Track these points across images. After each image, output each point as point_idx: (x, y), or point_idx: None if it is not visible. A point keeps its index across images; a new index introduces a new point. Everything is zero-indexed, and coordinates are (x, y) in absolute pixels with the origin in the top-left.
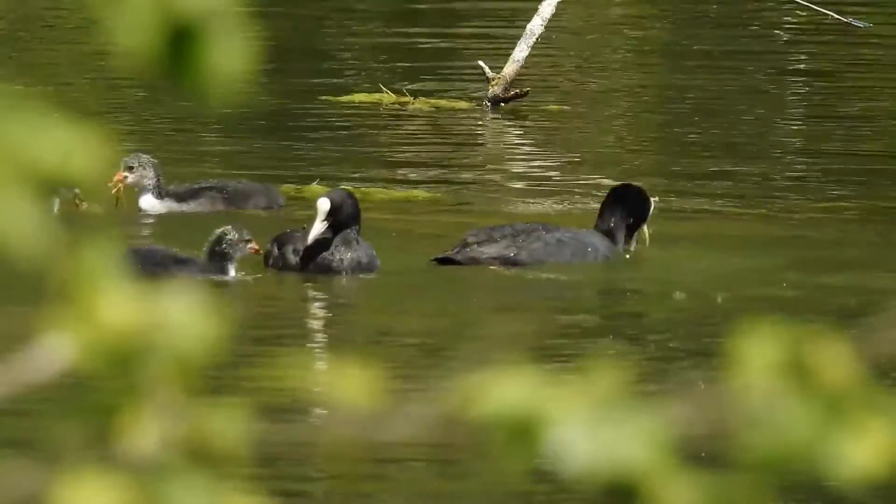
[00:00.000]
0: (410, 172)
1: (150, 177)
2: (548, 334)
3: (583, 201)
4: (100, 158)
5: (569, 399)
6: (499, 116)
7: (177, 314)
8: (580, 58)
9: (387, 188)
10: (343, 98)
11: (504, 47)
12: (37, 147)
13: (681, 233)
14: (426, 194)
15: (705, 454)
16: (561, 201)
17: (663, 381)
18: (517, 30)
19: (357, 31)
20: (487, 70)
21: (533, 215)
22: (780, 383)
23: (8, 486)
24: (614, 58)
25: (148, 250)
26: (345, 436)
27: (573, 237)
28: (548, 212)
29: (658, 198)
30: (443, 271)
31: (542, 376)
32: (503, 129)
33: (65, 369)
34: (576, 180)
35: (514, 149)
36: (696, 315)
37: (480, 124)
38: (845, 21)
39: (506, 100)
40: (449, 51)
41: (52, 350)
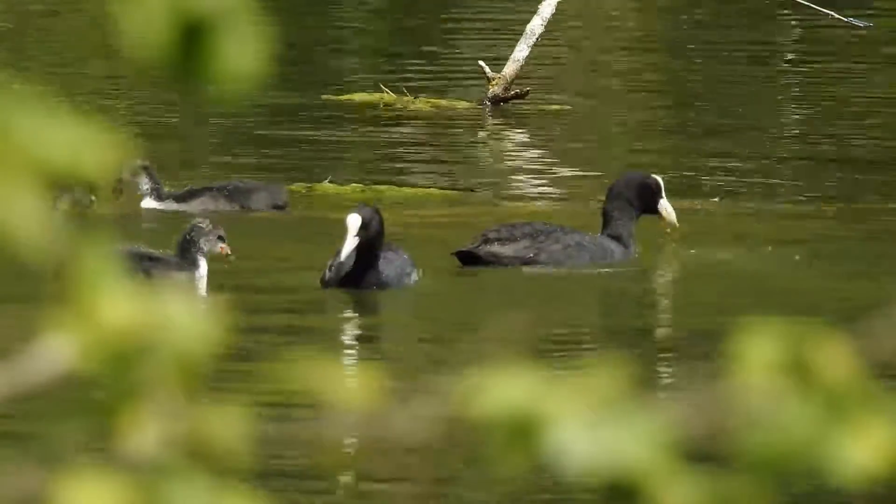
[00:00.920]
0: (411, 172)
1: (145, 181)
2: (550, 334)
3: (583, 201)
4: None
5: (569, 399)
6: (499, 116)
7: (177, 314)
8: (580, 57)
9: (391, 187)
10: (343, 97)
11: (504, 47)
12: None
13: (683, 232)
14: (439, 192)
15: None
16: (561, 201)
17: (663, 381)
18: (517, 30)
19: (357, 31)
20: (487, 70)
21: (533, 215)
22: (781, 383)
23: (8, 486)
24: (614, 57)
25: (125, 250)
26: (345, 436)
27: (592, 241)
28: (548, 212)
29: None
30: (450, 269)
31: (543, 376)
32: (503, 129)
33: (65, 370)
34: (576, 180)
35: (514, 149)
36: (696, 315)
37: (480, 124)
38: (845, 21)
39: (506, 100)
40: (449, 51)
41: (53, 350)
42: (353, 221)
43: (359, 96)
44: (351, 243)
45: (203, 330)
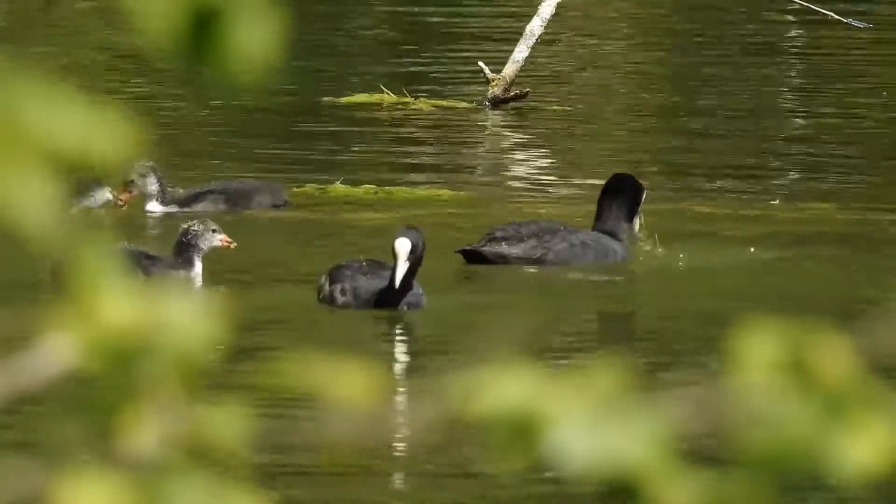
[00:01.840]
0: (412, 172)
1: (153, 182)
2: (551, 334)
3: (583, 201)
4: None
5: (569, 397)
6: (499, 116)
7: (178, 314)
8: (580, 58)
9: (403, 188)
10: (344, 99)
11: (504, 48)
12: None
13: (685, 232)
14: (450, 193)
15: (705, 453)
16: (561, 201)
17: (664, 381)
18: (517, 30)
19: (357, 32)
20: (487, 70)
21: (532, 215)
22: (780, 382)
23: (8, 486)
24: (614, 58)
25: (124, 249)
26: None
27: (595, 240)
28: (548, 212)
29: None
30: (456, 267)
31: (543, 374)
32: (503, 130)
33: (65, 369)
34: (576, 180)
35: (514, 149)
36: (696, 314)
37: (481, 125)
38: (845, 21)
39: (506, 100)
40: (449, 51)
41: (53, 350)
42: (403, 246)
43: (360, 97)
44: (403, 268)
45: (203, 329)
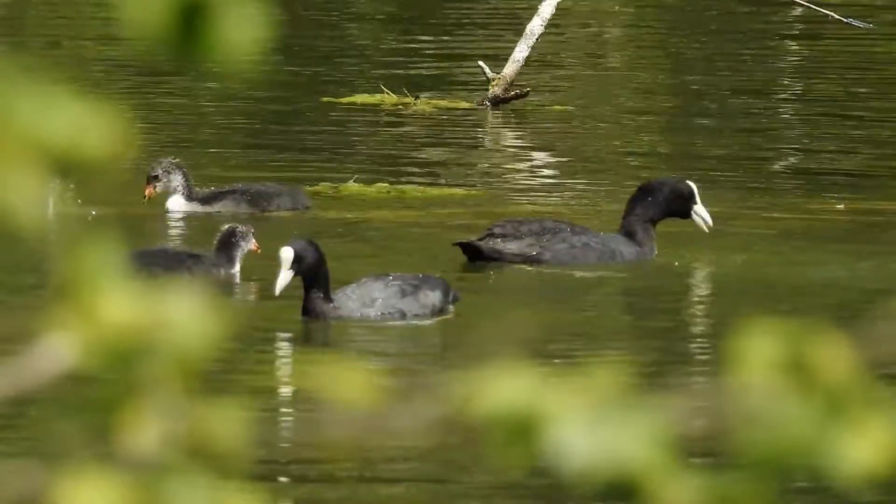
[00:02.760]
0: (413, 173)
1: (178, 180)
2: (552, 334)
3: (583, 201)
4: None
5: (569, 397)
6: (499, 116)
7: (178, 313)
8: (580, 57)
9: (416, 187)
10: (344, 100)
11: (504, 47)
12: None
13: (686, 231)
14: (463, 192)
15: (705, 452)
16: (561, 201)
17: (663, 380)
18: (517, 30)
19: (357, 32)
20: (487, 70)
21: (537, 215)
22: (780, 381)
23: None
24: (614, 57)
25: (160, 249)
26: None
27: (600, 242)
28: (548, 212)
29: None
30: (456, 265)
31: (543, 375)
32: (503, 130)
33: (66, 368)
34: (576, 180)
35: (514, 149)
36: (696, 313)
37: (481, 125)
38: (846, 21)
39: (506, 100)
40: (449, 51)
41: (54, 349)
42: (286, 254)
43: (360, 98)
44: (283, 276)
45: (203, 328)
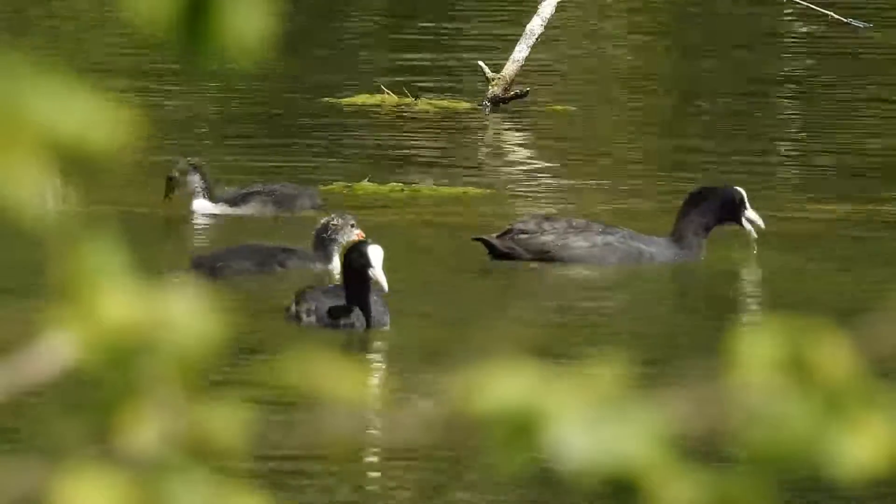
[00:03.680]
0: (414, 173)
1: (197, 181)
2: (552, 333)
3: (583, 201)
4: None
5: (568, 396)
6: (499, 116)
7: (178, 312)
8: (580, 57)
9: (428, 186)
10: (344, 100)
11: (504, 47)
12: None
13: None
14: (476, 191)
15: (705, 451)
16: (561, 201)
17: (664, 379)
18: (517, 30)
19: (357, 33)
20: (487, 70)
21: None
22: (781, 380)
23: (8, 485)
24: (614, 58)
25: (256, 245)
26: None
27: (624, 242)
28: (548, 212)
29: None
30: (462, 263)
31: (542, 373)
32: (503, 130)
33: (66, 367)
34: (576, 180)
35: (514, 149)
36: (697, 314)
37: (481, 125)
38: (845, 22)
39: (506, 100)
40: (449, 52)
41: (54, 348)
42: (378, 252)
43: (360, 98)
44: (381, 275)
45: (204, 327)
